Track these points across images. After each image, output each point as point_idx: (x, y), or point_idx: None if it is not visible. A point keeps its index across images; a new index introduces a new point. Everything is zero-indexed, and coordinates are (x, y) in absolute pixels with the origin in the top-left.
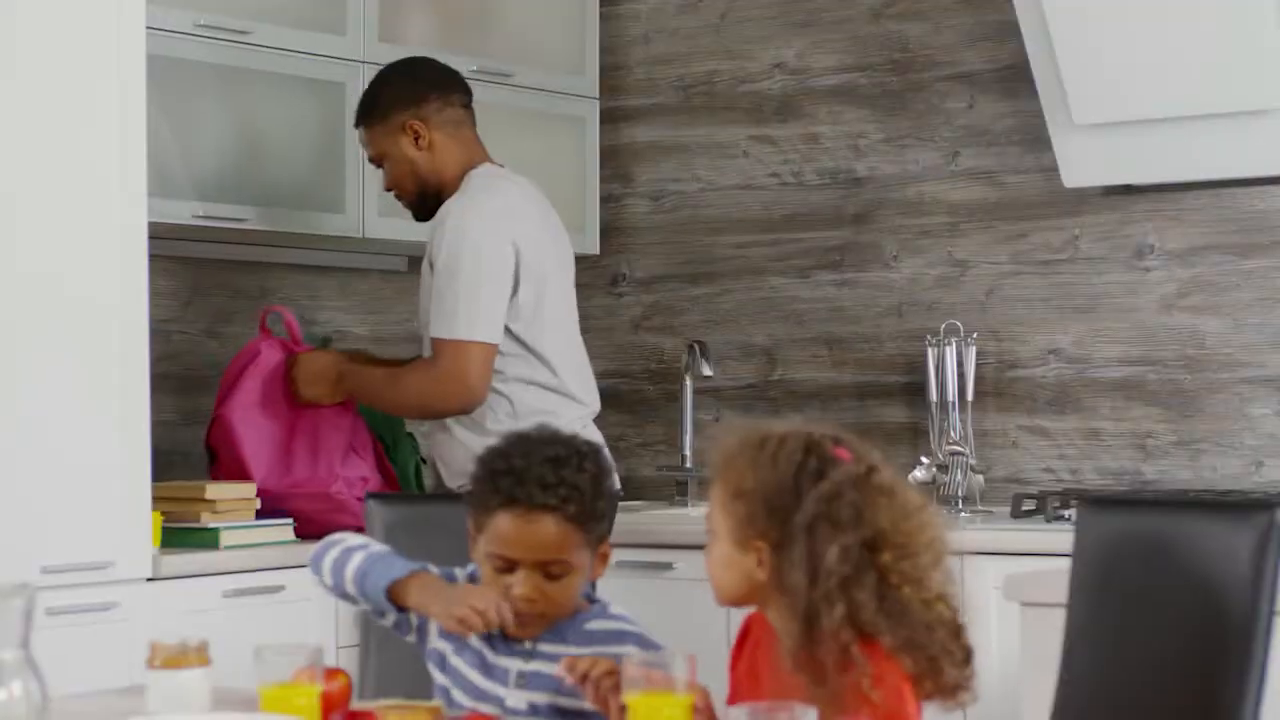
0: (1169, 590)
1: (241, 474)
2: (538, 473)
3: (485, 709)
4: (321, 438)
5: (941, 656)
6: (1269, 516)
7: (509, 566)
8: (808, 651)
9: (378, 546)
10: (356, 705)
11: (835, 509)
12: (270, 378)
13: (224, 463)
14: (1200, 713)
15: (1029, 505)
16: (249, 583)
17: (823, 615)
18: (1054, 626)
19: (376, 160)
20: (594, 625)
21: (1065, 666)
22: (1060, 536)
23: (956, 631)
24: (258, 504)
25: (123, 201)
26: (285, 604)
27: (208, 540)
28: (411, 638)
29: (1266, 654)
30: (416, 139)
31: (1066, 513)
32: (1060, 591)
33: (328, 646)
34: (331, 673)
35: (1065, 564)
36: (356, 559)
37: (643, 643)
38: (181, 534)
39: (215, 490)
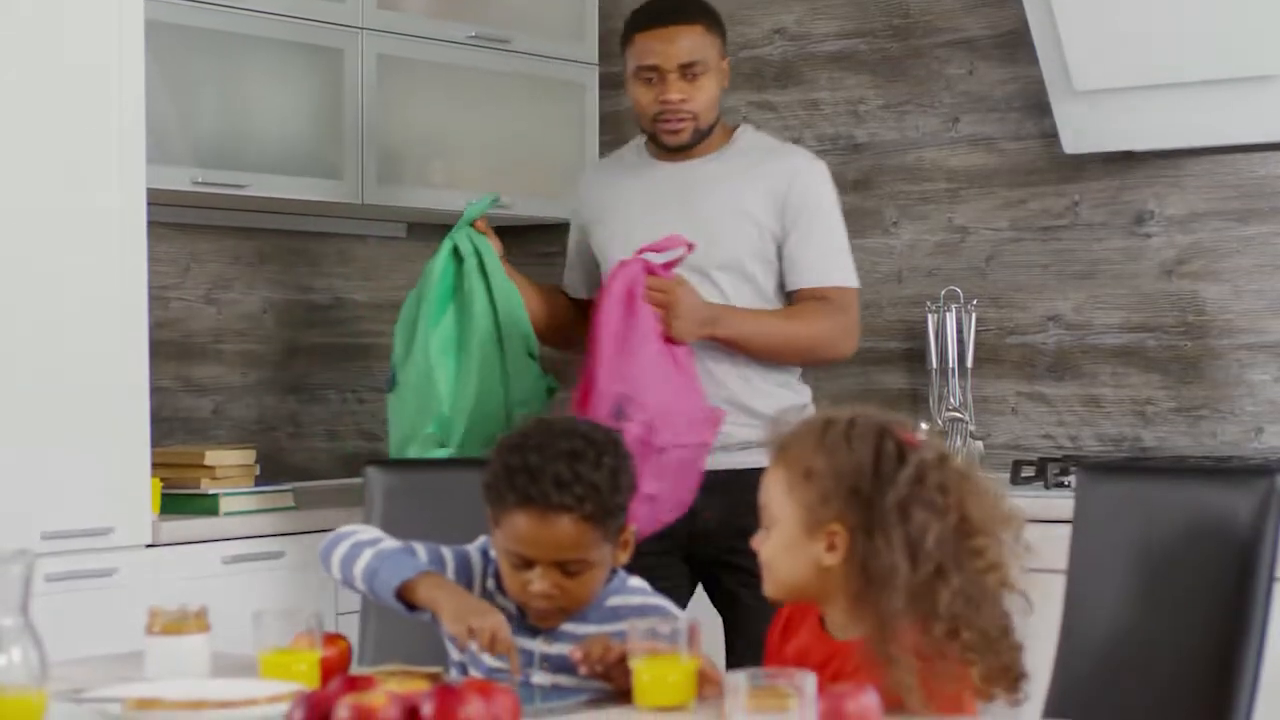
0: (1169, 556)
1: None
2: (554, 470)
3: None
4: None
5: (1008, 650)
6: (1269, 482)
7: (527, 564)
8: (886, 639)
9: (388, 542)
10: (356, 671)
11: (925, 492)
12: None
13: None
14: (1201, 677)
15: (1028, 472)
16: (248, 549)
17: (933, 597)
18: (1053, 593)
19: (689, 67)
20: (616, 601)
21: (1065, 633)
22: (1059, 503)
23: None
24: (257, 470)
25: (121, 167)
26: (284, 570)
27: (207, 506)
28: (427, 616)
29: (1267, 619)
30: (726, 64)
31: (1066, 479)
32: (1059, 558)
33: (327, 612)
34: (330, 638)
35: (1065, 530)
36: (366, 556)
37: (665, 616)
38: (181, 500)
39: (215, 456)
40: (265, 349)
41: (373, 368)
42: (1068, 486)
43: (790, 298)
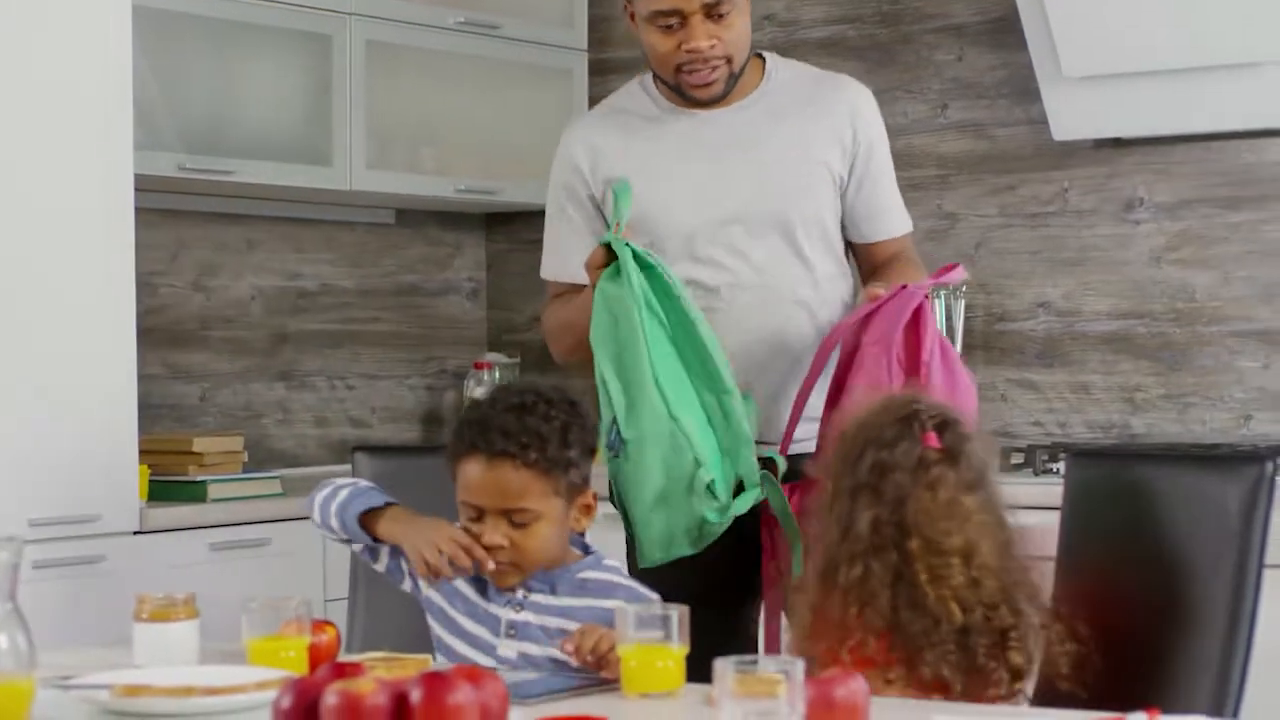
0: (1159, 543)
1: None
2: (501, 420)
3: (479, 657)
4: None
5: (929, 649)
6: (1260, 469)
7: (478, 515)
8: (821, 598)
9: (364, 483)
10: (344, 658)
11: (882, 483)
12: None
13: None
14: (1189, 666)
15: (1017, 459)
16: (236, 536)
17: (839, 572)
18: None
19: (715, 6)
20: (586, 575)
21: (1053, 619)
22: (1048, 490)
23: (964, 633)
24: (245, 457)
25: (109, 153)
26: (273, 557)
27: (195, 493)
28: (406, 585)
29: (1255, 607)
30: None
31: (1055, 466)
32: (1047, 544)
33: (315, 599)
34: (319, 625)
35: (1053, 517)
36: (342, 494)
37: (633, 594)
38: (169, 487)
39: (203, 443)
40: (253, 335)
41: (361, 354)
42: (1056, 473)
43: (858, 250)
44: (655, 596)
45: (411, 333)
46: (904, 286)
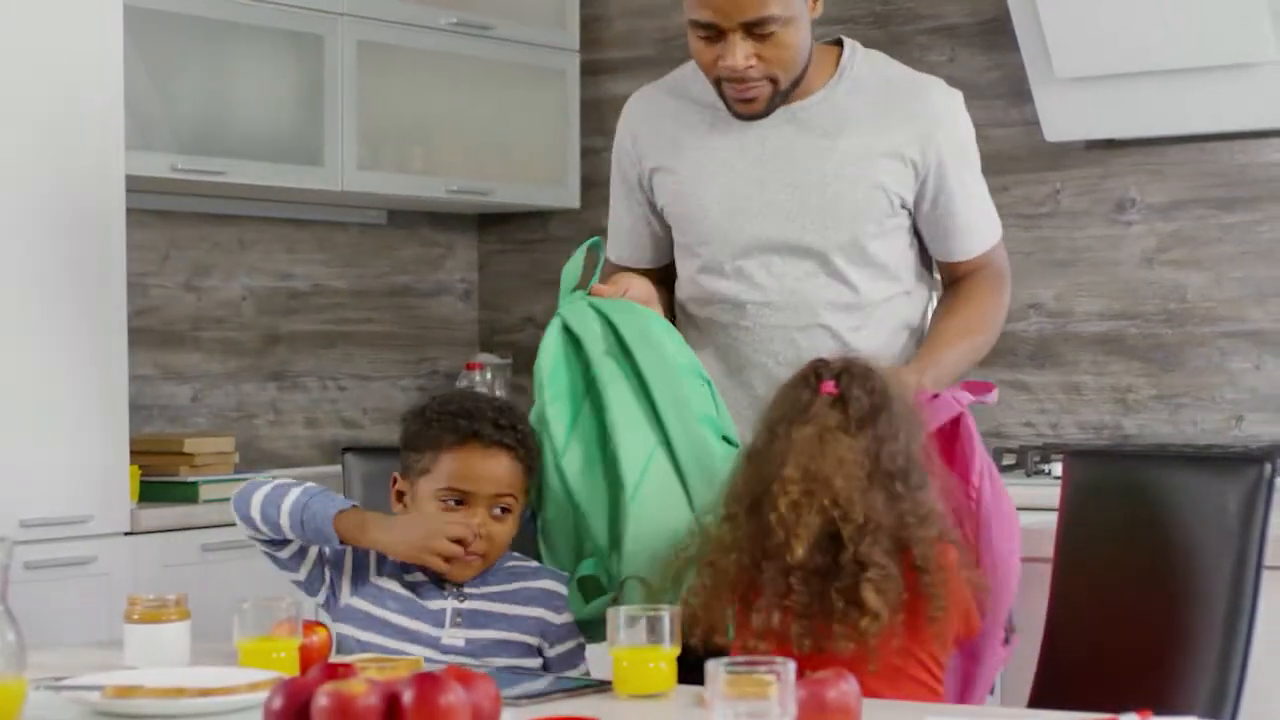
0: (1157, 544)
1: None
2: (490, 413)
3: (416, 650)
4: None
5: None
6: (1259, 470)
7: (461, 500)
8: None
9: (312, 484)
10: (335, 659)
11: (773, 439)
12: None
13: None
14: (1188, 668)
15: (1009, 460)
16: (228, 536)
17: (726, 534)
18: (1033, 581)
19: (756, 25)
20: (512, 563)
21: (1050, 620)
22: (1039, 491)
23: (812, 573)
24: (236, 457)
25: (101, 153)
26: (264, 558)
27: (186, 494)
28: (320, 596)
29: (1254, 608)
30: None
31: (1046, 467)
32: (1040, 546)
33: (306, 601)
34: (310, 626)
35: (1045, 518)
36: (294, 494)
37: (556, 577)
38: (160, 488)
39: (194, 444)
40: (245, 336)
41: (352, 355)
42: (1048, 474)
43: (942, 266)
44: (565, 576)
45: (403, 333)
46: (936, 395)
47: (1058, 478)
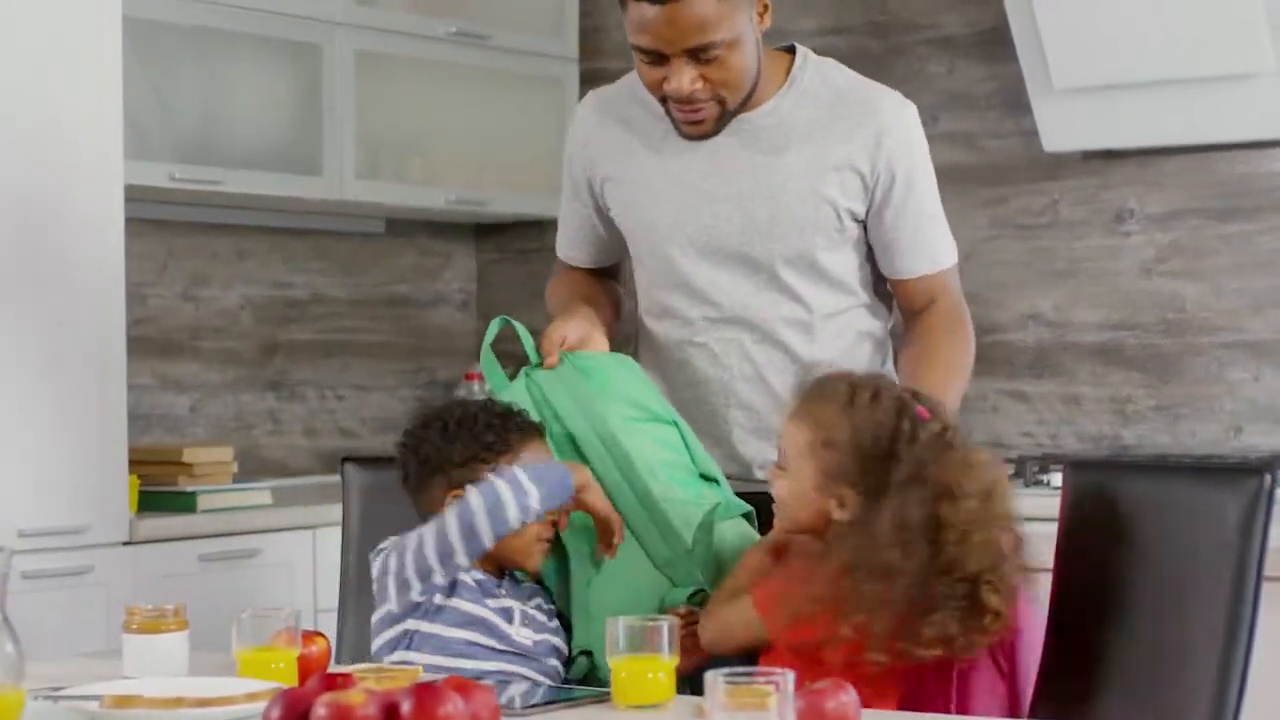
0: (1157, 554)
1: None
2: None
3: (492, 641)
4: None
5: (940, 607)
6: (1258, 481)
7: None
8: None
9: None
10: (334, 669)
11: (924, 470)
12: None
13: None
14: (1188, 679)
15: (1008, 470)
16: (226, 546)
17: (899, 562)
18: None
19: (701, 51)
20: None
21: (1049, 631)
22: (1038, 501)
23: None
24: (234, 467)
25: (99, 163)
26: (262, 568)
27: (185, 504)
28: (440, 597)
29: (1254, 620)
30: (764, 11)
31: (1045, 477)
32: (1039, 557)
33: (305, 610)
34: (309, 636)
35: (1044, 528)
36: (507, 485)
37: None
38: (158, 498)
39: (192, 454)
40: (243, 346)
41: (351, 365)
42: (1047, 484)
43: (897, 293)
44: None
45: (402, 343)
46: None
47: (1057, 488)
